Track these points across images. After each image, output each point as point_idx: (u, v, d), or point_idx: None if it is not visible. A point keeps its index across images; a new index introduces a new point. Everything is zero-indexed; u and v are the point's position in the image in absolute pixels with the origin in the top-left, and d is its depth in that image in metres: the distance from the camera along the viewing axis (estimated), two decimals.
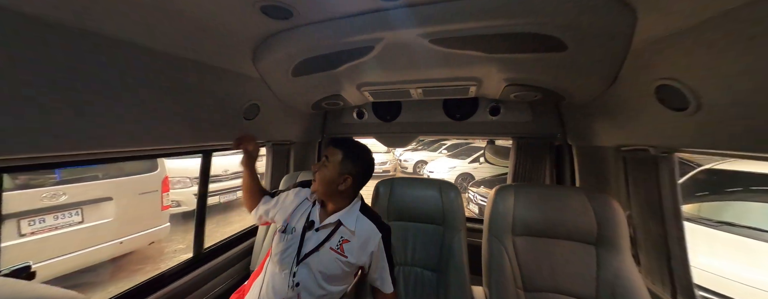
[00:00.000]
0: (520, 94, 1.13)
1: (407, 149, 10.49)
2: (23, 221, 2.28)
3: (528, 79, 0.99)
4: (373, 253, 0.84)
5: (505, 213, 1.01)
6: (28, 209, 2.30)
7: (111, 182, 2.83)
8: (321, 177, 0.82)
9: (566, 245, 0.96)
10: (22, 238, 2.26)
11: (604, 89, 0.91)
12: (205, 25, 0.65)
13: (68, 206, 2.52)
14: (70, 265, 2.47)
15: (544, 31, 0.66)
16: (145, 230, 3.05)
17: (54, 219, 2.44)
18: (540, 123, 1.39)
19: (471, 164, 6.73)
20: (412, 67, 0.97)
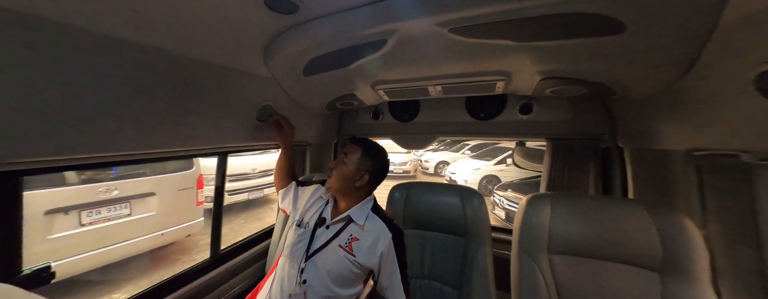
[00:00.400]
0: (558, 89, 0.98)
1: (428, 150, 10.26)
2: (83, 212, 2.57)
3: (569, 70, 0.84)
4: (383, 255, 0.81)
5: (539, 227, 0.87)
6: (87, 202, 2.59)
7: (154, 178, 3.10)
8: (339, 173, 0.85)
9: (620, 269, 0.80)
10: (82, 227, 2.54)
11: (673, 80, 0.73)
12: (213, 24, 0.63)
13: (119, 200, 2.80)
14: (120, 253, 2.74)
15: (595, 9, 0.54)
16: (183, 223, 3.31)
17: (107, 212, 2.73)
18: (582, 122, 1.20)
19: (497, 166, 6.35)
20: (430, 62, 0.88)
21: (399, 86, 1.12)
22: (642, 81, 0.80)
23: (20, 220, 0.59)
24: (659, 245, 0.75)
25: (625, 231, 0.79)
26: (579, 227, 0.84)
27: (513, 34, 0.67)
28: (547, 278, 0.85)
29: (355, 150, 0.85)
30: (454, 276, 1.03)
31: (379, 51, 0.79)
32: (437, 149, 10.25)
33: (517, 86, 1.06)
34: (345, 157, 0.85)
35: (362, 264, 0.81)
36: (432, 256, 1.09)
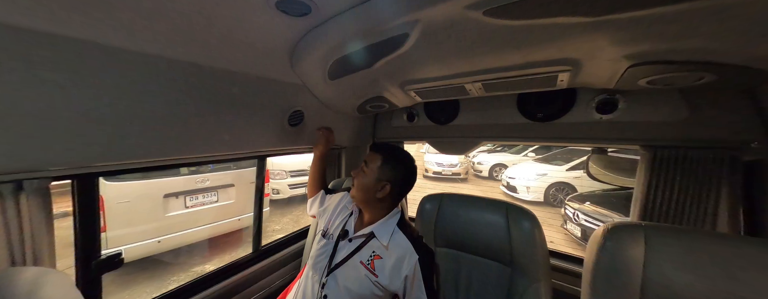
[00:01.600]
0: (661, 78, 0.68)
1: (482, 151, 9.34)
2: (187, 197, 3.27)
3: (681, 50, 0.56)
4: (408, 278, 0.73)
5: (626, 271, 0.62)
6: (189, 189, 3.28)
7: (234, 172, 3.72)
8: (359, 183, 0.80)
9: None
10: (186, 209, 3.24)
11: None
12: (237, 36, 0.66)
13: (210, 189, 3.46)
14: (211, 232, 3.40)
15: None
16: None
17: (203, 197, 3.40)
18: (706, 123, 0.82)
19: (571, 172, 5.28)
20: (464, 55, 0.72)
21: (430, 86, 0.98)
22: None
23: (98, 214, 0.74)
24: None
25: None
26: (697, 277, 0.55)
27: (581, 7, 0.48)
28: None
29: (376, 158, 0.79)
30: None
31: (402, 47, 0.69)
32: (494, 150, 9.22)
33: (590, 78, 0.79)
34: (365, 166, 0.81)
35: (385, 287, 0.73)
36: (468, 283, 0.93)
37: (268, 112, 0.98)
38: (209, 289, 1.03)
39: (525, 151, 7.92)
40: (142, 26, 0.55)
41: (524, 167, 6.04)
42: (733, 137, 0.78)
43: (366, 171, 0.79)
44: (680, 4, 0.43)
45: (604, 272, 0.64)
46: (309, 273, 0.85)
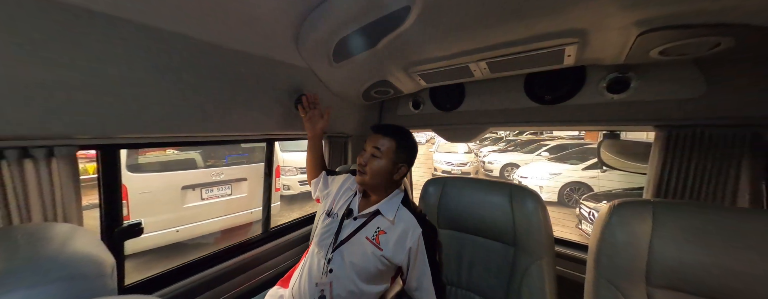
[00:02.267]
0: (676, 46, 0.65)
1: (494, 150, 9.12)
2: (203, 189, 3.41)
3: (695, 11, 0.54)
4: (411, 250, 0.76)
5: (631, 248, 0.60)
6: (205, 182, 3.42)
7: (246, 166, 3.85)
8: (374, 169, 0.80)
9: None
10: (203, 201, 3.39)
11: None
12: (244, 15, 0.68)
13: (225, 182, 3.59)
14: (225, 224, 3.53)
15: None
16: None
17: (217, 190, 3.54)
18: (726, 99, 0.77)
19: (588, 172, 5.08)
20: (467, 29, 0.72)
21: (435, 67, 0.98)
22: None
23: (120, 185, 0.79)
24: None
25: None
26: (706, 252, 0.53)
27: None
28: None
29: (389, 142, 0.80)
30: (499, 290, 0.84)
31: (405, 23, 0.70)
32: (506, 149, 9.00)
33: (599, 51, 0.77)
34: (377, 151, 0.80)
35: (389, 259, 0.76)
36: (470, 263, 0.92)
37: (276, 95, 1.01)
38: (219, 265, 1.08)
39: (538, 151, 7.69)
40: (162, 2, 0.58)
41: (537, 166, 5.86)
42: (756, 113, 0.74)
43: (381, 156, 0.79)
44: None
45: (608, 248, 0.62)
46: (314, 250, 0.88)
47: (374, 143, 0.81)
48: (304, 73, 1.04)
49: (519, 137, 12.02)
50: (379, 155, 0.79)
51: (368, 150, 0.82)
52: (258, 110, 0.99)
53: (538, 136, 10.79)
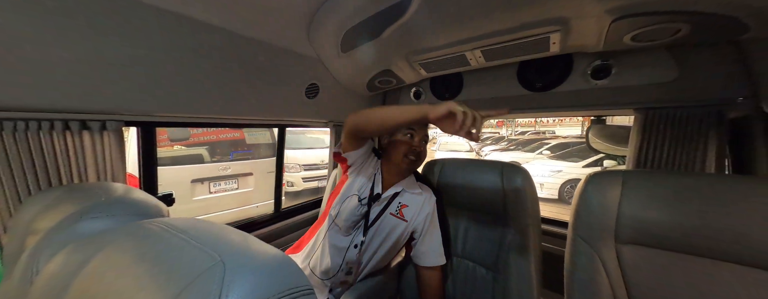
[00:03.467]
0: (643, 31, 0.74)
1: (496, 149, 9.18)
2: (211, 183, 3.53)
3: (654, 1, 0.63)
4: (428, 215, 0.89)
5: (603, 210, 0.69)
6: (213, 176, 3.55)
7: (253, 162, 3.97)
8: (425, 155, 0.91)
9: (735, 272, 0.55)
10: (211, 194, 3.51)
11: None
12: (263, 5, 0.76)
13: (231, 176, 3.71)
14: (232, 217, 3.64)
15: None
16: (270, 200, 4.12)
17: (225, 184, 3.66)
18: (696, 82, 0.86)
19: (589, 169, 5.13)
20: (463, 19, 0.81)
21: (434, 56, 1.08)
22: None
23: (156, 159, 0.90)
24: None
25: (746, 221, 0.53)
26: (666, 211, 0.62)
27: None
28: (612, 271, 0.66)
29: (429, 132, 0.94)
30: (490, 258, 0.93)
31: (407, 13, 0.79)
32: (507, 148, 9.06)
33: (580, 39, 0.86)
34: (428, 139, 0.92)
35: (410, 224, 0.89)
36: (465, 235, 1.01)
37: (289, 82, 1.11)
38: None
39: (539, 149, 7.74)
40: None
41: (537, 164, 5.91)
42: (719, 95, 0.82)
43: (427, 143, 0.92)
44: None
45: (584, 213, 0.71)
46: (337, 228, 0.89)
47: (424, 132, 0.89)
48: (314, 63, 1.14)
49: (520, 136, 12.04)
50: (427, 140, 0.91)
51: (419, 138, 0.87)
52: (272, 97, 1.09)
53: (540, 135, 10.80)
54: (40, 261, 0.39)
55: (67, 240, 0.40)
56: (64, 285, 0.31)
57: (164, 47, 0.73)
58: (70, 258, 0.34)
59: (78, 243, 0.36)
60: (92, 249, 0.33)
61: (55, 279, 0.33)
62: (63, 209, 0.48)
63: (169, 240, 0.30)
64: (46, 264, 0.36)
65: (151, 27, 0.69)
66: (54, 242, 0.41)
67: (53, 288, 0.32)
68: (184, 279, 0.25)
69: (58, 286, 0.31)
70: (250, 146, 4.13)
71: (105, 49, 0.65)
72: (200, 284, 0.24)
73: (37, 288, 0.34)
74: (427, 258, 0.89)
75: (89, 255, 0.32)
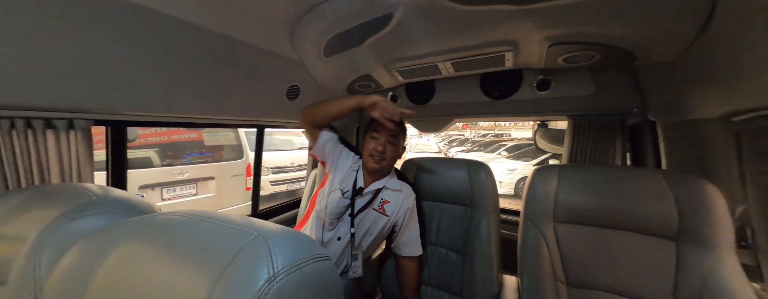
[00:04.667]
0: (570, 56, 0.95)
1: (461, 150, 9.87)
2: (164, 189, 3.19)
3: (577, 34, 0.82)
4: (408, 210, 0.97)
5: (545, 197, 0.87)
6: (166, 181, 3.20)
7: (214, 165, 3.67)
8: (393, 155, 0.95)
9: (631, 238, 0.76)
10: (163, 201, 3.16)
11: (693, 36, 0.68)
12: (248, 8, 0.77)
13: (189, 181, 3.39)
14: None
15: None
16: (235, 205, 3.84)
17: (181, 190, 3.33)
18: (607, 96, 1.12)
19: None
20: (436, 35, 0.94)
21: (410, 64, 1.19)
22: (663, 39, 0.75)
23: (126, 160, 0.85)
24: (676, 212, 0.69)
25: (638, 200, 0.74)
26: (588, 196, 0.81)
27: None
28: (552, 246, 0.84)
29: (402, 132, 0.98)
30: (459, 243, 1.07)
31: (387, 26, 0.87)
32: (471, 149, 9.80)
33: (527, 58, 1.05)
34: (396, 140, 0.95)
35: (392, 218, 0.96)
36: (439, 225, 1.14)
37: (270, 83, 1.12)
38: None
39: (498, 150, 8.54)
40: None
41: (498, 164, 6.55)
42: (623, 107, 1.09)
43: (397, 145, 0.95)
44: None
45: (532, 200, 0.89)
46: (323, 222, 0.95)
47: (390, 133, 0.92)
48: (295, 65, 1.17)
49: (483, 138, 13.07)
50: (395, 142, 0.94)
51: (384, 139, 0.92)
52: (252, 97, 1.09)
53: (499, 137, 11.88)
54: (42, 261, 0.39)
55: (71, 238, 0.40)
56: (84, 280, 0.32)
57: (139, 45, 0.71)
58: (85, 255, 0.36)
59: (88, 240, 0.38)
60: (106, 244, 0.35)
61: (74, 276, 0.34)
62: (37, 213, 0.46)
63: (198, 225, 0.34)
64: (55, 262, 0.37)
65: (126, 23, 0.66)
66: (54, 241, 0.41)
67: (74, 284, 0.33)
68: (227, 253, 0.29)
69: (78, 281, 0.33)
70: (210, 148, 3.82)
71: (74, 44, 0.61)
72: (247, 253, 0.29)
73: (54, 284, 0.35)
74: (406, 248, 0.98)
75: (105, 249, 0.34)
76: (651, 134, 1.05)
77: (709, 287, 0.62)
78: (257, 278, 0.26)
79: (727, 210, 0.65)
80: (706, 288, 0.62)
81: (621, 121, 1.10)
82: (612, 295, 0.75)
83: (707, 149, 0.84)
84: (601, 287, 0.77)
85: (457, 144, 12.00)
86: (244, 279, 0.26)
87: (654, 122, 1.03)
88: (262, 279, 0.26)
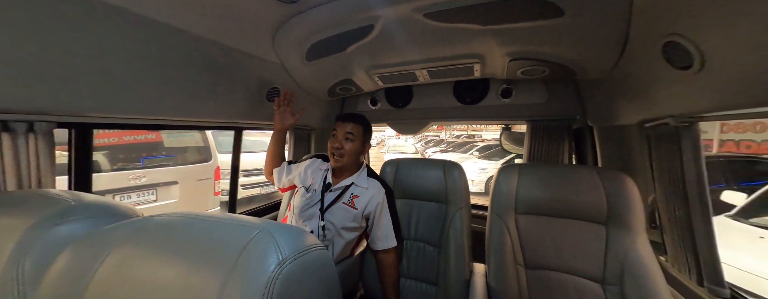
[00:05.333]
0: (527, 69, 1.10)
1: (437, 151, 10.28)
2: (117, 195, 2.88)
3: (531, 51, 0.96)
4: (379, 205, 1.02)
5: (508, 192, 1.00)
6: (120, 187, 2.90)
7: (177, 169, 3.40)
8: (350, 150, 0.99)
9: (573, 224, 0.91)
10: None
11: (615, 59, 0.84)
12: (229, 11, 0.78)
13: (147, 186, 3.10)
14: None
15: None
16: (206, 210, 3.60)
17: (137, 197, 3.03)
18: (557, 105, 1.30)
19: None
20: (414, 45, 1.01)
21: (390, 71, 1.27)
22: (591, 61, 0.92)
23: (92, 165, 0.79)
24: (606, 202, 0.85)
25: (578, 192, 0.90)
26: (541, 190, 0.95)
27: (478, 18, 0.80)
28: (513, 234, 0.97)
29: (359, 128, 1.01)
30: (436, 237, 1.16)
31: (369, 35, 0.93)
32: (446, 150, 10.26)
33: (492, 69, 1.19)
34: (352, 136, 0.99)
35: (361, 211, 1.00)
36: (417, 221, 1.23)
37: (248, 86, 1.11)
38: None
39: (470, 150, 9.06)
40: None
41: (470, 163, 6.97)
42: (568, 114, 1.28)
43: (355, 140, 0.99)
44: (524, 23, 0.79)
45: (497, 195, 1.01)
46: (296, 221, 1.02)
47: (346, 129, 0.99)
48: (276, 68, 1.18)
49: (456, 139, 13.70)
50: (352, 138, 0.98)
51: (341, 136, 0.99)
52: (230, 99, 1.07)
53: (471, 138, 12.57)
54: (25, 267, 0.38)
55: (58, 244, 0.39)
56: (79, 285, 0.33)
57: (111, 45, 0.67)
58: (77, 260, 0.36)
59: (78, 244, 0.38)
60: (98, 248, 0.36)
61: (67, 281, 0.34)
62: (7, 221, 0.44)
63: (199, 225, 0.37)
64: (42, 269, 0.36)
65: (95, 22, 0.63)
66: (37, 249, 0.40)
67: (68, 290, 0.33)
68: (236, 247, 0.32)
69: (72, 287, 0.33)
70: (172, 150, 3.53)
71: (36, 43, 0.57)
72: (256, 245, 0.32)
73: (46, 290, 0.35)
74: (381, 242, 1.03)
75: (97, 254, 0.34)
76: (590, 136, 1.26)
77: (628, 260, 0.78)
78: (268, 264, 0.29)
79: (640, 199, 0.82)
80: (626, 261, 0.79)
81: (568, 125, 1.29)
82: (559, 273, 0.89)
83: (629, 149, 1.04)
84: (551, 267, 0.91)
85: (433, 145, 12.46)
86: (256, 267, 0.29)
87: (592, 126, 1.23)
88: (273, 264, 0.29)
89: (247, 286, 0.28)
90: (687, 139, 0.74)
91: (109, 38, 0.67)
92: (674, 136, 0.77)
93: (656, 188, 0.89)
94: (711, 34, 0.51)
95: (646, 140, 0.92)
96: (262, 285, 0.28)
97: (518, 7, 0.72)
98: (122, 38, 0.69)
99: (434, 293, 1.09)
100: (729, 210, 2.08)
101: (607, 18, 0.70)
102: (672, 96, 0.71)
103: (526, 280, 0.93)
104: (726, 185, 3.10)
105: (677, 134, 0.76)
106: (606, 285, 0.82)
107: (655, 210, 0.92)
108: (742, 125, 5.78)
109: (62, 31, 0.60)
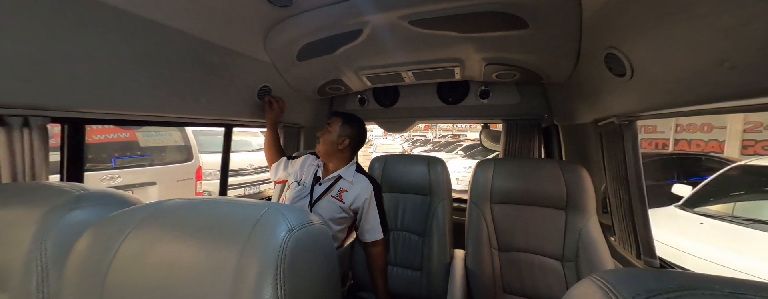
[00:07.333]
0: (501, 73, 1.22)
1: (423, 150, 10.51)
2: None
3: (504, 57, 1.08)
4: (366, 200, 1.06)
5: (485, 184, 1.11)
6: None
7: (155, 169, 3.27)
8: (325, 140, 1.06)
9: (539, 211, 1.03)
10: None
11: (572, 66, 0.97)
12: (223, 13, 0.81)
13: (123, 187, 2.96)
14: None
15: (504, 9, 0.76)
16: None
17: None
18: (528, 105, 1.44)
19: None
20: (400, 49, 1.10)
21: (378, 72, 1.34)
22: (553, 67, 1.05)
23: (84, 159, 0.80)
24: (565, 191, 0.98)
25: (544, 183, 1.03)
26: (513, 182, 1.07)
27: (456, 27, 0.89)
28: (488, 222, 1.08)
29: (337, 121, 1.08)
30: (420, 227, 1.25)
31: (358, 39, 1.00)
32: (432, 150, 10.50)
33: (471, 72, 1.30)
34: (329, 126, 1.07)
35: (349, 205, 1.05)
36: (403, 213, 1.31)
37: (241, 84, 1.14)
38: None
39: (455, 150, 9.33)
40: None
41: (455, 162, 7.21)
42: (538, 114, 1.43)
43: (331, 131, 1.06)
44: (494, 33, 0.89)
45: (475, 187, 1.12)
46: None
47: (329, 121, 1.10)
48: (267, 68, 1.21)
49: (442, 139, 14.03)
50: (330, 129, 1.07)
51: (324, 129, 1.09)
52: (222, 97, 1.10)
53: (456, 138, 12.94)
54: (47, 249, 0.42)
55: (76, 227, 0.43)
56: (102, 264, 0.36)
57: (106, 43, 0.69)
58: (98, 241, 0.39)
59: (97, 227, 0.42)
60: (118, 230, 0.39)
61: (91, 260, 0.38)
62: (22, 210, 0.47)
63: (212, 206, 0.42)
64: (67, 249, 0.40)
65: (90, 20, 0.65)
66: (55, 231, 0.43)
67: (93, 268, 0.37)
68: (249, 222, 0.38)
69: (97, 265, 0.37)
70: (148, 150, 3.38)
71: (33, 40, 0.58)
72: (267, 218, 0.38)
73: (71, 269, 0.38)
74: (368, 235, 1.08)
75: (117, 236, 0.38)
76: (556, 133, 1.41)
77: (582, 239, 0.91)
78: (279, 232, 0.35)
79: (593, 188, 0.96)
80: (581, 241, 0.92)
81: (537, 124, 1.44)
82: (526, 254, 1.01)
83: (586, 145, 1.19)
84: (520, 249, 1.03)
85: (420, 144, 12.68)
86: (269, 235, 0.35)
87: (557, 125, 1.38)
88: (284, 232, 0.35)
89: (263, 251, 0.33)
90: (628, 134, 0.88)
91: (104, 36, 0.69)
92: (619, 133, 0.91)
93: (607, 178, 1.03)
94: (637, 48, 0.64)
95: (599, 137, 1.07)
96: (275, 248, 0.33)
97: (490, 19, 0.82)
98: (117, 36, 0.71)
99: (418, 277, 1.19)
100: (679, 201, 2.36)
101: (564, 31, 0.82)
102: (615, 99, 0.84)
103: (499, 261, 1.04)
104: (677, 179, 3.49)
105: (621, 131, 0.90)
106: (564, 262, 0.95)
107: (606, 197, 1.07)
108: (693, 126, 6.48)
109: (59, 29, 0.62)
